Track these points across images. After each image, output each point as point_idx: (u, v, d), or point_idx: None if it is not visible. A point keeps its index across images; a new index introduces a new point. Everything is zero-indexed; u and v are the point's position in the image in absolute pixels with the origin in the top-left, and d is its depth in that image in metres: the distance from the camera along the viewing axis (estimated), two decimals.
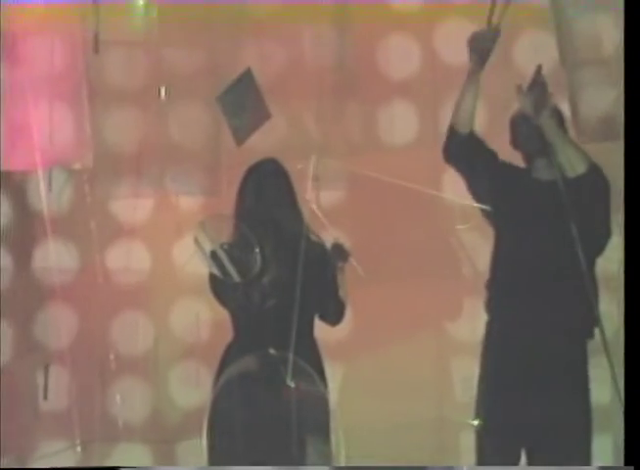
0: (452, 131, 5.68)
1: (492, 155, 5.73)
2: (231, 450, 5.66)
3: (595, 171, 5.50)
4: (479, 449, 5.69)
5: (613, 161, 6.16)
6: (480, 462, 5.71)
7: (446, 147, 5.70)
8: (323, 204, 6.36)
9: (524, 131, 5.65)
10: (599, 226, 5.54)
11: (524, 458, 5.63)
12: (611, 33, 6.89)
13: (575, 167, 5.46)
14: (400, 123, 7.96)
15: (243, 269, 5.71)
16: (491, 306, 5.66)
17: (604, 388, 5.82)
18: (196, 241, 5.84)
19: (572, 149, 5.55)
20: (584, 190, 5.46)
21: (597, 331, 5.75)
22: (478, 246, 6.25)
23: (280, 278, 5.73)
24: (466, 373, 6.18)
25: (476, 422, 5.55)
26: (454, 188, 6.14)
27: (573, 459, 5.51)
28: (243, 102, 5.86)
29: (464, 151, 5.62)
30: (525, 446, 5.57)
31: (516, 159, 5.84)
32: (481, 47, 5.65)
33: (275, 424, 5.65)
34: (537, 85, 5.62)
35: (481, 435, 5.61)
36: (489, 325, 5.66)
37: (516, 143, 5.74)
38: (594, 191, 5.49)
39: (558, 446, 5.48)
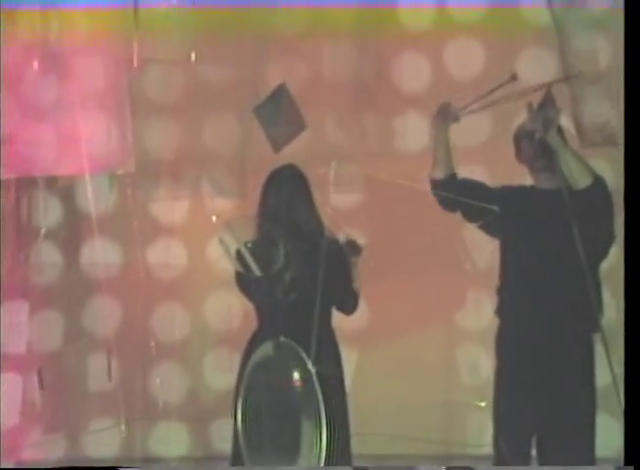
0: (434, 182, 5.69)
1: (478, 185, 5.72)
2: (258, 428, 5.60)
3: (599, 184, 5.43)
4: (495, 433, 5.58)
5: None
6: (495, 445, 5.57)
7: (435, 195, 5.69)
8: (342, 205, 6.35)
9: (527, 146, 5.57)
10: (602, 234, 5.48)
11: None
12: (608, 50, 6.86)
13: (581, 181, 5.36)
14: (412, 133, 7.93)
15: (265, 265, 5.68)
16: (502, 310, 5.59)
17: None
18: (221, 241, 5.83)
19: (578, 163, 5.44)
20: (588, 201, 5.38)
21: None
22: (480, 244, 6.22)
23: (300, 273, 5.67)
24: (471, 359, 6.15)
25: (483, 403, 5.47)
26: None
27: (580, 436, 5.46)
28: (279, 114, 5.85)
29: (452, 193, 5.58)
30: (536, 430, 5.49)
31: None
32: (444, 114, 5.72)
33: (296, 405, 5.58)
34: (547, 104, 5.53)
35: (497, 419, 5.54)
36: (501, 327, 5.58)
37: (520, 157, 5.65)
38: (598, 202, 5.41)
39: (567, 427, 5.40)
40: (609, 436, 5.97)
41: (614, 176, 5.86)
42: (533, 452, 5.48)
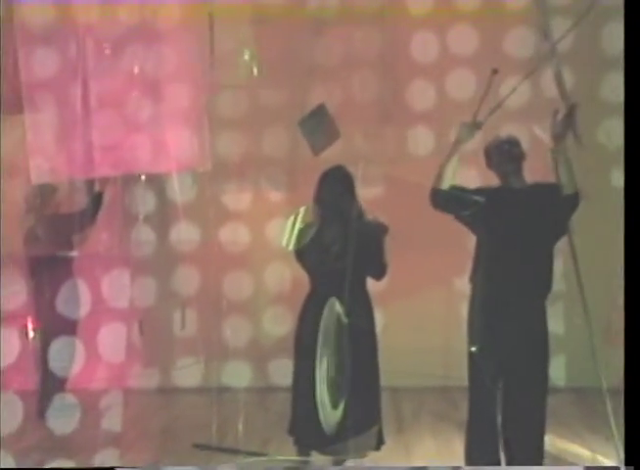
0: (435, 191, 5.35)
1: (464, 193, 5.35)
2: (307, 367, 5.53)
3: (576, 195, 5.21)
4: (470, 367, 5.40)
5: None
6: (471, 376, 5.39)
7: (432, 200, 5.37)
8: (367, 196, 6.31)
9: (495, 157, 5.35)
10: (560, 226, 5.34)
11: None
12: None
13: (567, 188, 5.17)
14: (421, 141, 7.98)
15: (317, 241, 5.68)
16: (475, 279, 5.43)
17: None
18: (294, 223, 5.78)
19: (571, 174, 5.21)
20: (558, 202, 5.25)
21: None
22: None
23: (343, 247, 5.57)
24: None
25: (473, 348, 5.36)
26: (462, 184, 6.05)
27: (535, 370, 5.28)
28: (319, 126, 5.78)
29: (446, 201, 5.32)
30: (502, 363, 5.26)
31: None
32: (463, 134, 5.31)
33: (343, 349, 5.51)
34: (569, 119, 5.21)
35: (473, 356, 5.33)
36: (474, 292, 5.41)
37: (490, 165, 5.40)
38: (564, 206, 5.25)
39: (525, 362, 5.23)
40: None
41: None
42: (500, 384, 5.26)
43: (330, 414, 5.49)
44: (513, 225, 5.19)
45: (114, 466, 4.79)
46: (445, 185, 5.28)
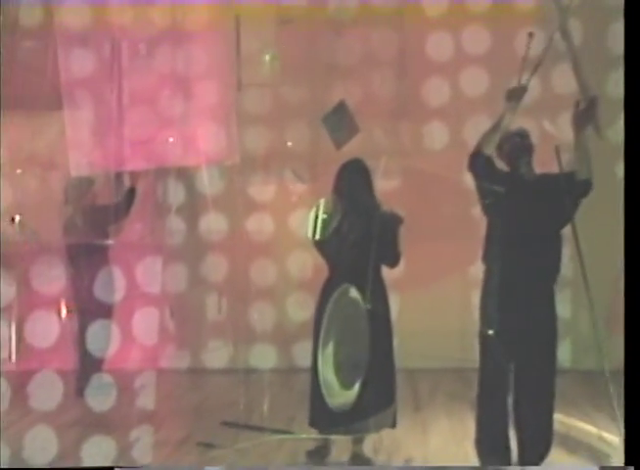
0: (478, 152, 5.15)
1: (499, 172, 5.30)
2: (332, 350, 5.51)
3: (589, 182, 5.16)
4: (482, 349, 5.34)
5: None
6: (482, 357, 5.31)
7: (471, 161, 5.17)
8: (386, 188, 6.28)
9: (507, 149, 5.26)
10: (567, 213, 5.24)
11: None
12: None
13: (582, 174, 5.12)
14: (436, 136, 7.95)
15: (336, 230, 5.63)
16: (487, 259, 5.36)
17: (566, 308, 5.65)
18: (315, 214, 5.71)
19: (588, 161, 5.17)
20: (577, 189, 5.18)
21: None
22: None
23: (360, 237, 5.56)
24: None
25: (486, 331, 5.29)
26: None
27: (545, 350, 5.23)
28: (340, 122, 5.78)
29: (482, 165, 5.18)
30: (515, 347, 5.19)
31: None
32: (513, 96, 5.19)
33: (356, 332, 5.52)
34: (590, 111, 5.13)
35: (484, 338, 5.27)
36: (486, 275, 5.33)
37: (501, 156, 5.30)
38: (581, 192, 5.18)
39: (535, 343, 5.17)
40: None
41: None
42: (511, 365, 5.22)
43: (338, 394, 5.50)
44: (523, 212, 5.17)
45: (113, 466, 4.71)
46: (489, 150, 5.19)
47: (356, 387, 5.49)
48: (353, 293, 5.53)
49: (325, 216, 5.71)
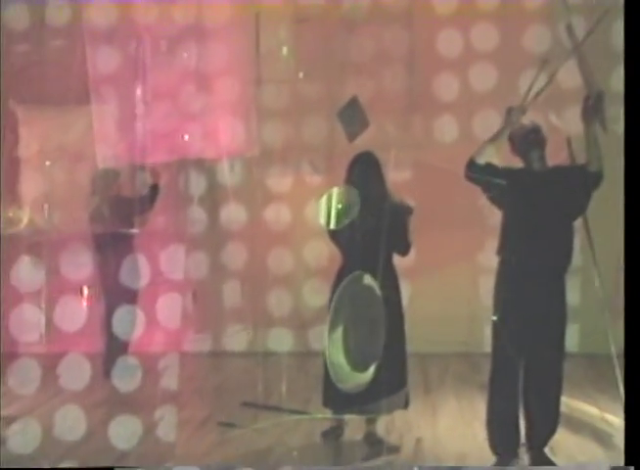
0: (472, 162, 5.17)
1: (498, 169, 5.26)
2: (341, 334, 5.43)
3: (601, 174, 5.16)
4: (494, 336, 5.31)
5: None
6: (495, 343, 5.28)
7: (467, 170, 5.18)
8: (397, 179, 6.26)
9: (520, 144, 5.25)
10: (580, 205, 5.24)
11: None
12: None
13: (593, 166, 5.11)
14: (446, 129, 7.91)
15: (349, 220, 5.55)
16: (502, 251, 5.32)
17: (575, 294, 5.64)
18: (327, 202, 5.63)
19: (599, 152, 5.15)
20: (588, 181, 5.17)
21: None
22: (492, 209, 6.06)
23: (372, 226, 5.53)
24: (488, 286, 6.08)
25: (495, 317, 5.24)
26: None
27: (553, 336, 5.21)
28: (352, 116, 5.71)
29: (477, 174, 5.16)
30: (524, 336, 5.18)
31: None
32: (512, 117, 5.21)
33: (371, 318, 5.47)
34: (598, 105, 5.15)
35: (497, 326, 5.25)
36: (501, 266, 5.31)
37: (515, 151, 5.30)
38: (592, 184, 5.17)
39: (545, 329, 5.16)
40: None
41: None
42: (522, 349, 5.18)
43: (349, 377, 5.45)
44: (537, 204, 5.16)
45: (113, 466, 4.68)
46: (482, 160, 5.20)
47: (371, 370, 5.46)
48: (367, 279, 5.50)
49: (340, 207, 5.66)
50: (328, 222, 5.68)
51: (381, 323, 5.49)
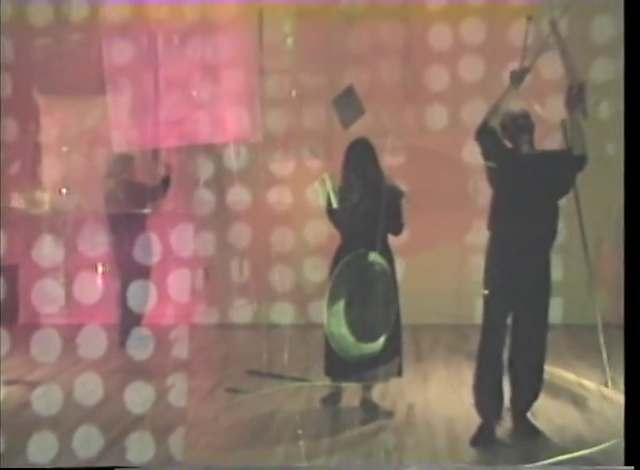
0: (485, 123, 5.15)
1: (501, 141, 5.26)
2: (342, 307, 5.43)
3: (585, 157, 5.16)
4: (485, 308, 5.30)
5: None
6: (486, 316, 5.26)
7: (478, 132, 5.16)
8: (391, 163, 6.23)
9: (511, 129, 5.24)
10: (565, 185, 5.25)
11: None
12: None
13: (577, 149, 5.11)
14: (437, 117, 7.91)
15: (346, 202, 5.60)
16: (491, 229, 5.30)
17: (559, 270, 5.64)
18: (321, 184, 5.70)
19: (582, 137, 5.15)
20: (573, 163, 5.18)
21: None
22: (480, 191, 6.05)
23: (368, 208, 5.54)
24: (476, 262, 6.05)
25: (485, 291, 5.23)
26: (470, 154, 5.96)
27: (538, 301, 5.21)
28: (348, 104, 5.67)
29: (487, 136, 5.17)
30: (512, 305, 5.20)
31: None
32: (517, 75, 5.21)
33: (376, 291, 5.53)
34: (580, 94, 5.13)
35: (487, 298, 5.24)
36: (490, 241, 5.29)
37: (506, 136, 5.27)
38: (577, 167, 5.19)
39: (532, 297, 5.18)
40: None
41: None
42: (509, 320, 5.22)
43: (353, 346, 5.46)
44: (525, 184, 5.17)
45: (113, 466, 4.60)
46: (494, 122, 5.20)
47: (381, 341, 5.50)
48: (372, 256, 5.53)
49: (337, 189, 5.68)
50: (329, 203, 5.69)
51: (389, 297, 5.55)
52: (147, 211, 7.34)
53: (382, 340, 5.52)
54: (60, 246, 7.50)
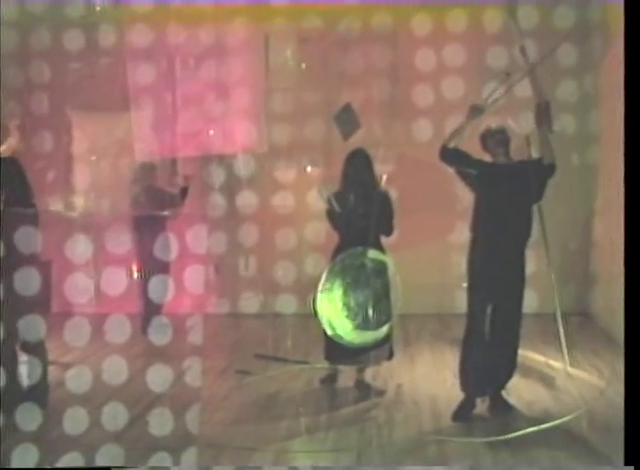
0: (443, 147, 5.24)
1: (471, 159, 5.27)
2: (340, 296, 5.41)
3: (553, 165, 5.21)
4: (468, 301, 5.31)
5: None
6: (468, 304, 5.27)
7: (441, 154, 5.23)
8: (382, 171, 6.21)
9: (489, 143, 5.29)
10: (538, 191, 5.24)
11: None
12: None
13: (546, 159, 5.17)
14: (424, 130, 7.78)
15: (344, 206, 5.62)
16: (473, 230, 5.31)
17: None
18: (320, 192, 5.76)
19: (550, 148, 5.21)
20: (543, 172, 5.20)
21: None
22: (464, 195, 6.04)
23: (364, 211, 5.54)
24: (457, 259, 6.00)
25: (465, 284, 5.27)
26: None
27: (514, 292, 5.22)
28: (347, 119, 5.69)
29: (449, 155, 5.23)
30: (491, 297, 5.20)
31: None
32: (475, 110, 5.26)
33: (377, 284, 5.52)
34: (547, 111, 5.22)
35: (469, 291, 5.26)
36: (472, 240, 5.30)
37: (485, 148, 5.34)
38: (547, 175, 5.21)
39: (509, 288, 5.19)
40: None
41: None
42: (489, 310, 5.17)
43: (352, 333, 5.43)
44: (502, 191, 5.21)
45: (111, 466, 4.51)
46: (452, 145, 5.26)
47: (385, 328, 5.50)
48: (372, 254, 5.52)
49: (336, 194, 5.68)
50: (330, 208, 5.65)
51: (391, 288, 5.54)
52: (166, 213, 7.38)
53: (385, 328, 5.51)
54: (89, 244, 7.56)
